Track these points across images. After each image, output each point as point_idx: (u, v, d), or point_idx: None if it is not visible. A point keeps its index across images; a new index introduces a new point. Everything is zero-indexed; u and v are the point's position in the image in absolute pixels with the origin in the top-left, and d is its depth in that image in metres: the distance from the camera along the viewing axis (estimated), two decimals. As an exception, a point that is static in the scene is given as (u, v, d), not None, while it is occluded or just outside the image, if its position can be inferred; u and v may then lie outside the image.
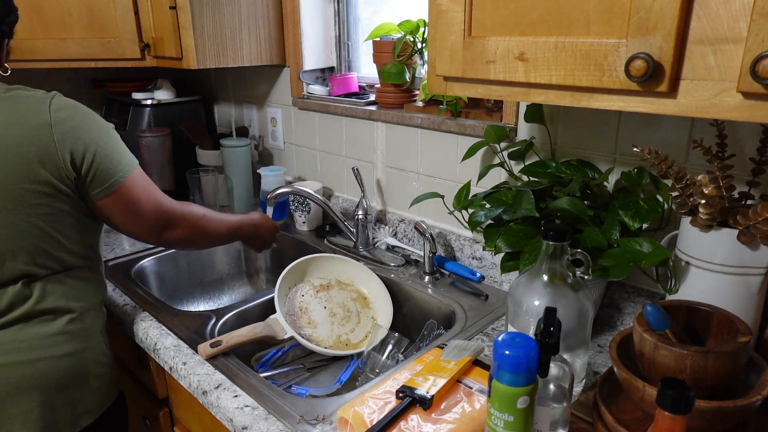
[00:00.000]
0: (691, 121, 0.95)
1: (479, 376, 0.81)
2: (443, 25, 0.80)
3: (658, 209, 0.91)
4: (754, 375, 0.72)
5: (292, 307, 1.18)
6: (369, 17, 1.63)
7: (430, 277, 1.28)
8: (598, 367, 0.95)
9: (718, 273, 0.82)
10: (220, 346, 1.01)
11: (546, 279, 0.80)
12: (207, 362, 0.98)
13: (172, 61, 1.53)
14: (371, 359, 1.06)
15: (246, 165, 1.71)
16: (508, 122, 1.20)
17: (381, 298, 1.23)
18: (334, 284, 1.25)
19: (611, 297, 1.09)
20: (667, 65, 0.60)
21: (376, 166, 1.51)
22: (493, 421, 0.63)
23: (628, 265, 0.85)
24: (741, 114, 0.57)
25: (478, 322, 1.11)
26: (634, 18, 0.61)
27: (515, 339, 0.61)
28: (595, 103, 0.69)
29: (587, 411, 0.80)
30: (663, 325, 0.72)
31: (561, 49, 0.68)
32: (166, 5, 1.45)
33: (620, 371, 0.72)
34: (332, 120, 1.60)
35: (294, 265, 1.22)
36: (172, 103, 1.90)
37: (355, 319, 1.21)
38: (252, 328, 1.08)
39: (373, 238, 1.47)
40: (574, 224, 0.95)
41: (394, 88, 1.44)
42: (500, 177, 1.23)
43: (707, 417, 0.66)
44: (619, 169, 1.04)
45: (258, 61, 1.62)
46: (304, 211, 1.58)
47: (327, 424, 0.82)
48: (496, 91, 0.79)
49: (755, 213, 0.76)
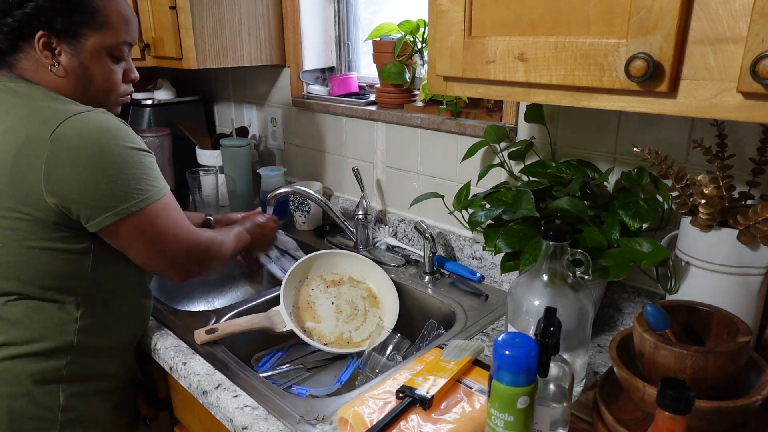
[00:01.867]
0: (691, 121, 0.95)
1: (479, 376, 0.81)
2: (443, 25, 0.80)
3: (658, 209, 0.91)
4: (754, 375, 0.72)
5: (298, 300, 1.18)
6: (369, 17, 1.63)
7: (430, 277, 1.28)
8: (598, 367, 0.95)
9: (718, 273, 0.82)
10: (216, 333, 1.01)
11: (546, 279, 0.80)
12: (207, 362, 0.98)
13: (172, 61, 1.53)
14: (371, 359, 1.06)
15: (246, 165, 1.71)
16: (508, 122, 1.20)
17: (390, 298, 1.23)
18: (346, 281, 1.25)
19: (611, 297, 1.09)
20: (667, 65, 0.60)
21: (376, 166, 1.51)
22: (493, 421, 0.63)
23: (628, 265, 0.85)
24: (741, 114, 0.57)
25: (478, 322, 1.11)
26: (634, 18, 0.61)
27: (515, 339, 0.61)
28: (595, 103, 0.69)
29: (587, 411, 0.80)
30: (663, 325, 0.72)
31: (561, 49, 0.68)
32: (166, 5, 1.45)
33: (620, 371, 0.72)
34: (332, 120, 1.60)
35: (306, 258, 1.22)
36: (172, 103, 1.90)
37: (362, 318, 1.21)
38: (250, 319, 1.08)
39: (373, 238, 1.47)
40: (574, 224, 0.95)
41: (394, 88, 1.44)
42: (500, 177, 1.23)
43: (707, 417, 0.66)
44: (619, 169, 1.04)
45: (258, 61, 1.62)
46: (304, 211, 1.58)
47: (327, 424, 0.82)
48: (496, 91, 0.79)
49: (755, 213, 0.76)
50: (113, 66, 0.98)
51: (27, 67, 0.93)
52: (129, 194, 0.88)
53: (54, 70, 0.92)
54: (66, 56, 0.93)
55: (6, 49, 0.92)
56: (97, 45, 0.94)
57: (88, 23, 0.93)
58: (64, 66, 0.93)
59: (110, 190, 0.87)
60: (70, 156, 0.85)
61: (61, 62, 0.93)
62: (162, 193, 0.93)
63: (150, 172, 0.92)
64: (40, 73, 0.93)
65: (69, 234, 0.90)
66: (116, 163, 0.87)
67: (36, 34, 0.90)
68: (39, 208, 0.86)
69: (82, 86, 0.96)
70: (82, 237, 0.91)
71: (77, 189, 0.86)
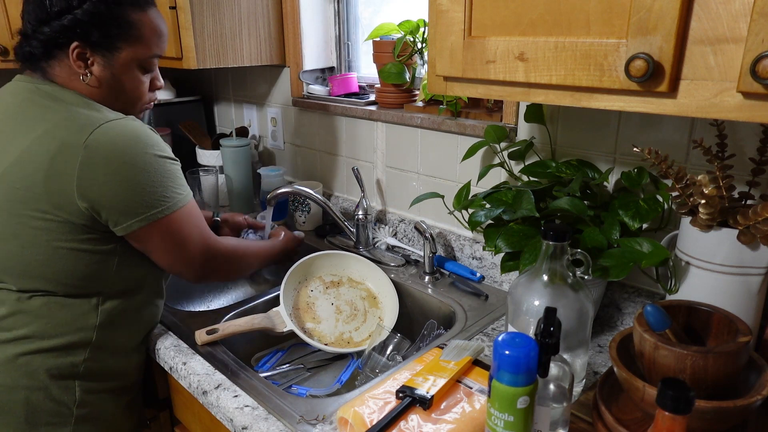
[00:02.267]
0: (691, 121, 0.95)
1: (479, 376, 0.81)
2: (443, 25, 0.80)
3: (658, 209, 0.91)
4: (754, 375, 0.72)
5: (298, 302, 1.19)
6: (369, 17, 1.63)
7: (430, 277, 1.28)
8: (598, 367, 0.95)
9: (718, 273, 0.82)
10: (216, 334, 1.01)
11: (546, 279, 0.80)
12: (207, 362, 0.98)
13: (172, 61, 1.53)
14: (372, 359, 1.06)
15: (246, 165, 1.71)
16: (508, 122, 1.20)
17: (390, 299, 1.23)
18: (345, 281, 1.25)
19: (611, 297, 1.09)
20: (667, 65, 0.60)
21: (376, 166, 1.51)
22: (493, 421, 0.63)
23: (628, 265, 0.85)
24: (741, 114, 0.57)
25: (478, 322, 1.11)
26: (634, 18, 0.61)
27: (515, 339, 0.61)
28: (595, 103, 0.69)
29: (587, 411, 0.80)
30: (663, 325, 0.72)
31: (561, 49, 0.68)
32: (166, 5, 1.45)
33: (620, 371, 0.72)
34: (332, 120, 1.60)
35: (305, 260, 1.22)
36: (172, 103, 1.90)
37: (361, 318, 1.21)
38: (251, 319, 1.08)
39: (373, 238, 1.47)
40: (574, 224, 0.95)
41: (394, 88, 1.44)
42: (500, 177, 1.23)
43: (707, 417, 0.66)
44: (619, 169, 1.04)
45: (258, 61, 1.62)
46: (304, 211, 1.58)
47: (327, 424, 0.82)
48: (496, 91, 0.79)
49: (755, 213, 0.76)
50: (142, 77, 1.01)
51: (59, 73, 0.96)
52: (156, 201, 0.92)
53: (85, 79, 0.95)
54: (99, 67, 0.95)
55: (40, 55, 0.94)
56: (129, 58, 0.97)
57: (122, 37, 0.95)
58: (96, 76, 0.96)
59: (139, 197, 0.91)
60: (102, 163, 0.88)
61: (93, 72, 0.95)
62: (186, 200, 0.97)
63: (176, 180, 0.96)
64: (71, 80, 0.96)
65: (97, 236, 0.93)
66: (145, 171, 0.91)
67: (71, 45, 0.92)
68: (70, 211, 0.89)
69: (111, 95, 0.99)
70: (109, 239, 0.94)
71: (108, 195, 0.89)
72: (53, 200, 0.89)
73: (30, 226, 0.90)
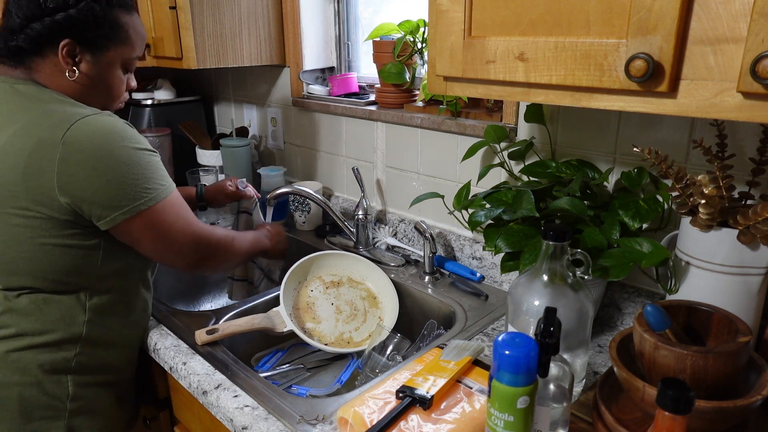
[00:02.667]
0: (691, 121, 0.95)
1: (479, 376, 0.81)
2: (443, 25, 0.80)
3: (658, 209, 0.91)
4: (754, 375, 0.72)
5: (298, 302, 1.19)
6: (369, 17, 1.63)
7: (430, 277, 1.28)
8: (598, 367, 0.95)
9: (718, 273, 0.82)
10: (216, 334, 1.01)
11: (546, 279, 0.80)
12: (207, 362, 0.98)
13: (172, 61, 1.53)
14: (372, 359, 1.06)
15: (246, 165, 1.71)
16: (508, 122, 1.20)
17: (389, 299, 1.24)
18: (345, 281, 1.25)
19: (611, 297, 1.09)
20: (667, 65, 0.60)
21: (376, 166, 1.51)
22: (493, 421, 0.63)
23: (628, 265, 0.85)
24: (741, 114, 0.57)
25: (478, 322, 1.11)
26: (634, 18, 0.61)
27: (515, 339, 0.61)
28: (595, 103, 0.69)
29: (587, 411, 0.80)
30: (663, 325, 0.72)
31: (561, 49, 0.68)
32: (166, 5, 1.45)
33: (620, 371, 0.72)
34: (332, 120, 1.60)
35: (305, 260, 1.22)
36: (172, 103, 1.90)
37: (361, 318, 1.21)
38: (251, 319, 1.08)
39: (373, 238, 1.47)
40: (574, 224, 0.95)
41: (394, 88, 1.44)
42: (500, 177, 1.23)
43: (707, 417, 0.66)
44: (619, 169, 1.04)
45: (258, 61, 1.62)
46: (304, 211, 1.58)
47: (327, 424, 0.82)
48: (496, 91, 0.79)
49: (755, 213, 0.76)
50: (122, 76, 1.04)
51: (43, 69, 0.96)
52: (138, 193, 0.92)
53: (72, 76, 0.96)
54: (86, 65, 0.97)
55: (28, 50, 0.95)
56: (115, 57, 1.00)
57: (111, 37, 0.98)
58: (83, 73, 0.97)
59: (120, 190, 0.90)
60: (81, 158, 0.88)
61: (80, 69, 0.97)
62: (169, 191, 0.97)
63: (157, 172, 0.96)
64: (54, 76, 0.96)
65: (80, 231, 0.93)
66: (126, 163, 0.91)
67: (61, 42, 0.93)
68: (52, 207, 0.89)
69: (93, 92, 1.00)
70: (93, 234, 0.95)
71: (89, 189, 0.89)
72: (33, 197, 0.89)
73: (11, 224, 0.91)
